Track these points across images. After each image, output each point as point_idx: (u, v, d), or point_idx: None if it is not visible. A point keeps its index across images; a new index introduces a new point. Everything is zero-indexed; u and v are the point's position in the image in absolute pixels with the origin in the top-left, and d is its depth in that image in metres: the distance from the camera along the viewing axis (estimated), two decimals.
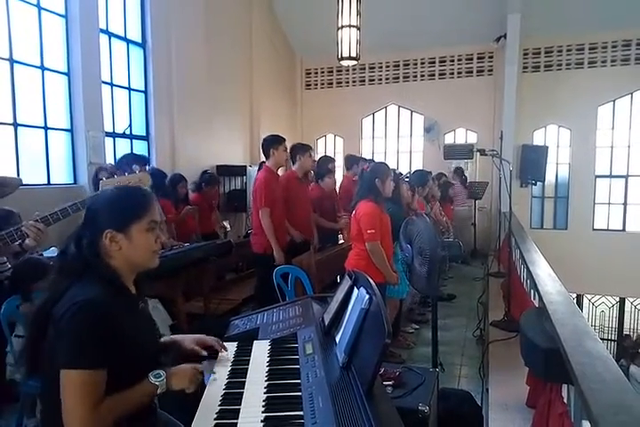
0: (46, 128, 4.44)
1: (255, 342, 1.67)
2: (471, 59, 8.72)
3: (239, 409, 1.23)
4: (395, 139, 9.42)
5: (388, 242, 3.30)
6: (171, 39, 5.83)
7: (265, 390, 1.32)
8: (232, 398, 1.29)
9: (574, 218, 8.46)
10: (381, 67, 9.22)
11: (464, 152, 7.34)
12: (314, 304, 1.92)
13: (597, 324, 8.85)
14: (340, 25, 6.11)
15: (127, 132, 5.43)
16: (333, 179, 4.75)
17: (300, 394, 1.27)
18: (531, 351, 2.04)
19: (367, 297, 1.35)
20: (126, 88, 5.44)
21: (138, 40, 5.56)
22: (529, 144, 8.43)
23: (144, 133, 5.71)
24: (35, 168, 4.37)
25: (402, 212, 3.76)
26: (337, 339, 1.45)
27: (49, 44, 4.42)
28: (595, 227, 8.43)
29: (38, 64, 4.33)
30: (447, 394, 2.38)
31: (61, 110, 4.58)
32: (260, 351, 1.58)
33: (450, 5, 7.78)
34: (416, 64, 9.01)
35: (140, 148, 5.60)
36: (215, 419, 1.20)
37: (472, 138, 8.86)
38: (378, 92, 9.20)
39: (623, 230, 8.39)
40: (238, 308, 4.29)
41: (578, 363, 1.43)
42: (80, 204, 1.84)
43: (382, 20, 7.75)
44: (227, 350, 1.58)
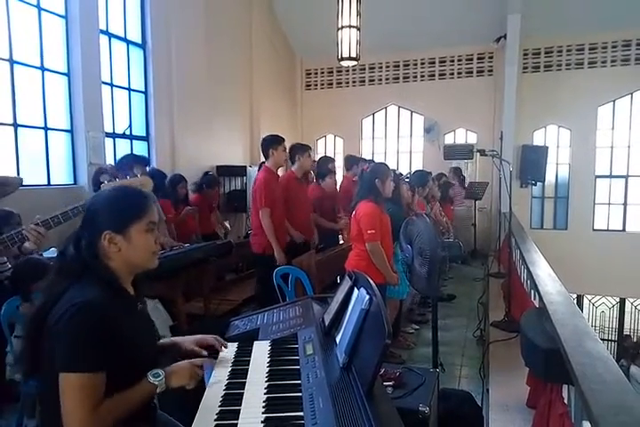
0: (46, 129, 4.44)
1: (255, 343, 1.67)
2: (471, 59, 8.72)
3: (239, 410, 1.23)
4: (395, 139, 9.42)
5: (388, 242, 3.30)
6: (171, 40, 5.83)
7: (265, 390, 1.32)
8: (232, 398, 1.29)
9: (574, 218, 8.46)
10: (381, 67, 9.22)
11: (464, 152, 7.37)
12: (314, 305, 1.92)
13: (598, 324, 8.84)
14: (340, 25, 6.12)
15: (127, 132, 5.43)
16: (334, 179, 4.75)
17: (301, 395, 1.27)
18: (531, 352, 2.04)
19: (367, 298, 1.35)
20: (126, 89, 5.45)
21: (138, 41, 5.56)
22: (529, 144, 8.43)
23: (144, 134, 5.71)
24: (35, 169, 4.37)
25: (402, 212, 3.76)
26: (337, 339, 1.45)
27: (49, 45, 4.42)
28: (595, 227, 8.43)
29: (38, 65, 4.33)
30: (447, 395, 2.38)
31: (61, 111, 4.59)
32: (261, 352, 1.58)
33: (450, 6, 7.79)
34: (416, 64, 9.02)
35: (140, 148, 5.61)
36: (215, 420, 1.19)
37: (472, 138, 8.86)
38: (378, 92, 9.19)
39: (623, 231, 8.39)
40: (238, 308, 4.29)
41: (578, 363, 1.43)
42: (81, 207, 1.84)
43: (382, 21, 7.75)
44: (227, 348, 1.58)
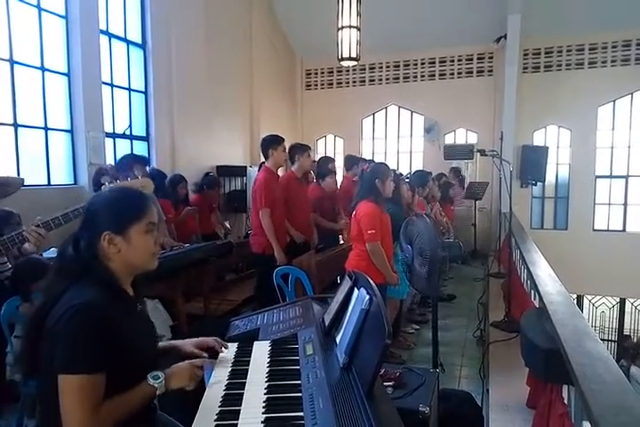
0: (46, 129, 4.44)
1: (255, 343, 1.66)
2: (471, 59, 8.72)
3: (239, 410, 1.23)
4: (395, 139, 9.42)
5: (389, 242, 3.30)
6: (171, 40, 5.83)
7: (265, 391, 1.32)
8: (232, 399, 1.29)
9: (574, 218, 8.46)
10: (381, 67, 9.22)
11: (464, 152, 7.36)
12: (314, 305, 1.92)
13: (598, 324, 8.84)
14: (341, 25, 6.12)
15: (127, 132, 5.43)
16: (334, 179, 4.75)
17: (301, 395, 1.27)
18: (531, 352, 2.04)
19: (367, 298, 1.35)
20: (126, 89, 5.45)
21: (138, 41, 5.56)
22: (529, 144, 8.43)
23: (144, 134, 5.71)
24: (35, 169, 4.37)
25: (402, 212, 3.76)
26: (337, 340, 1.45)
27: (49, 45, 4.42)
28: (595, 227, 8.42)
29: (38, 65, 4.33)
30: (447, 395, 2.38)
31: (61, 111, 4.59)
32: (261, 352, 1.58)
33: (450, 6, 7.79)
34: (416, 64, 9.01)
35: (140, 148, 5.60)
36: (215, 420, 1.19)
37: (472, 138, 8.86)
38: (378, 92, 9.19)
39: (623, 231, 8.38)
40: (238, 308, 4.29)
41: (578, 364, 1.43)
42: (82, 208, 1.84)
43: (382, 21, 7.75)
44: (227, 348, 1.58)
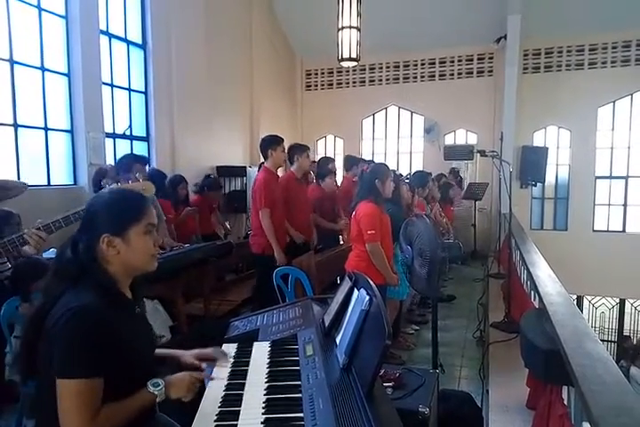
0: (46, 129, 4.44)
1: (255, 344, 1.66)
2: (471, 60, 8.73)
3: (239, 411, 1.23)
4: (395, 140, 9.42)
5: (388, 243, 3.30)
6: (171, 40, 5.83)
7: (265, 391, 1.32)
8: (232, 399, 1.29)
9: (574, 219, 8.46)
10: (381, 68, 9.22)
11: (464, 153, 7.36)
12: (314, 305, 1.92)
13: (597, 325, 8.84)
14: (341, 26, 6.12)
15: (127, 132, 5.43)
16: (334, 179, 4.75)
17: (301, 396, 1.27)
18: (531, 353, 2.04)
19: (367, 298, 1.35)
20: (126, 89, 5.44)
21: (138, 41, 5.56)
22: (529, 145, 8.44)
23: (144, 134, 5.70)
24: (35, 169, 4.36)
25: (402, 213, 3.76)
26: (337, 340, 1.45)
27: (49, 45, 4.41)
28: (595, 228, 8.43)
29: (38, 65, 4.33)
30: (447, 395, 2.37)
31: (61, 111, 4.58)
32: (260, 353, 1.58)
33: (450, 6, 7.79)
34: (416, 65, 9.02)
35: (140, 148, 5.60)
36: (215, 421, 1.20)
37: (472, 139, 8.86)
38: (378, 92, 9.20)
39: (623, 231, 8.39)
40: (238, 309, 4.28)
41: (578, 365, 1.43)
42: (83, 211, 1.83)
43: (382, 21, 7.75)
44: (229, 357, 1.55)
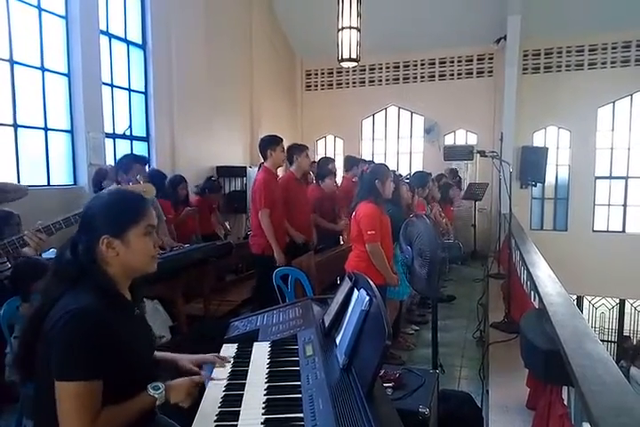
0: (46, 129, 4.44)
1: (255, 344, 1.66)
2: (471, 60, 8.73)
3: (239, 411, 1.23)
4: (395, 140, 9.42)
5: (388, 243, 3.30)
6: (171, 40, 5.84)
7: (265, 391, 1.32)
8: (232, 400, 1.29)
9: (574, 219, 8.46)
10: (381, 68, 9.22)
11: (464, 153, 7.37)
12: (314, 306, 1.92)
13: (597, 325, 8.84)
14: (341, 26, 6.13)
15: (127, 133, 5.43)
16: (333, 180, 4.75)
17: (301, 396, 1.27)
18: (531, 353, 2.03)
19: (367, 299, 1.35)
20: (126, 89, 5.45)
21: (138, 41, 5.57)
22: (529, 145, 8.44)
23: (144, 134, 5.71)
24: (35, 169, 4.37)
25: (402, 213, 3.76)
26: (337, 341, 1.45)
27: (49, 46, 4.42)
28: (595, 228, 8.43)
29: (38, 65, 4.33)
30: (447, 396, 2.37)
31: (61, 111, 4.58)
32: (260, 353, 1.58)
33: (450, 7, 7.79)
34: (416, 65, 9.02)
35: (140, 148, 5.60)
36: (215, 421, 1.20)
37: (472, 139, 8.87)
38: (378, 93, 9.20)
39: (623, 232, 8.39)
40: (238, 309, 4.28)
41: (578, 365, 1.43)
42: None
43: (382, 22, 7.75)
44: (229, 362, 1.54)
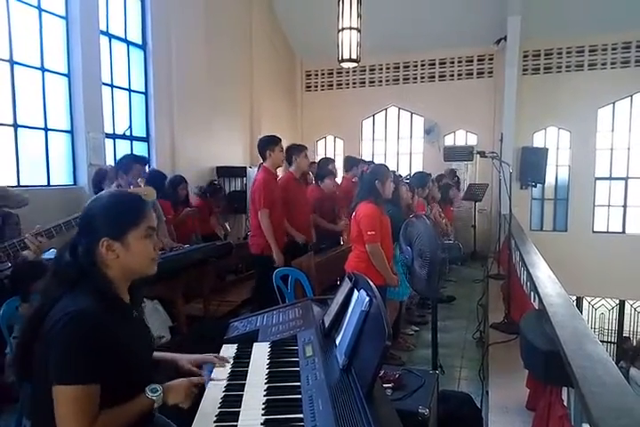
0: (46, 129, 4.44)
1: (255, 345, 1.66)
2: (471, 61, 8.73)
3: (239, 412, 1.23)
4: (395, 141, 9.42)
5: (388, 244, 3.30)
6: (171, 40, 5.84)
7: (265, 392, 1.31)
8: (232, 400, 1.29)
9: (574, 220, 8.46)
10: (381, 68, 9.22)
11: (464, 154, 7.38)
12: (314, 306, 1.92)
13: (597, 326, 8.84)
14: (341, 27, 6.13)
15: (127, 133, 5.43)
16: (333, 180, 4.75)
17: (300, 397, 1.26)
18: (530, 354, 2.04)
19: (367, 299, 1.34)
20: (126, 89, 5.44)
21: (138, 41, 5.57)
22: (529, 146, 8.44)
23: (144, 135, 5.71)
24: (35, 169, 4.36)
25: (401, 213, 3.76)
26: (337, 341, 1.45)
27: (49, 46, 4.42)
28: (594, 229, 8.43)
29: (38, 65, 4.33)
30: (447, 396, 2.37)
31: (61, 111, 4.58)
32: (260, 354, 1.58)
33: (450, 7, 7.80)
34: (416, 66, 9.02)
35: (140, 149, 5.60)
36: (215, 422, 1.19)
37: (472, 140, 8.87)
38: (378, 93, 9.20)
39: (623, 233, 8.39)
40: (238, 309, 4.29)
41: (578, 366, 1.43)
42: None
43: (382, 22, 7.75)
44: (229, 362, 1.53)
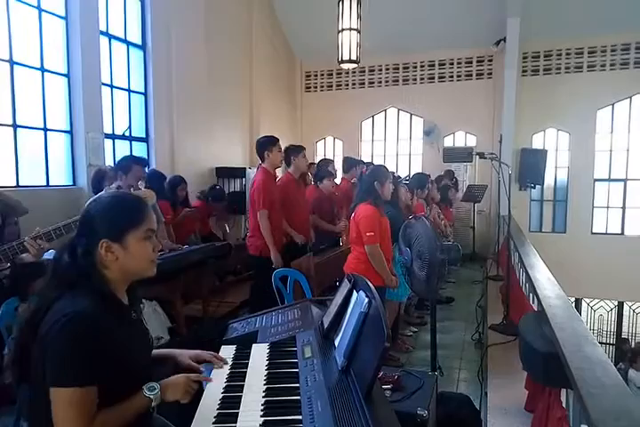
0: (46, 130, 4.43)
1: (254, 346, 1.66)
2: (471, 62, 8.74)
3: (238, 413, 1.23)
4: (394, 142, 9.43)
5: (388, 245, 3.30)
6: (171, 41, 5.84)
7: (264, 393, 1.31)
8: (230, 401, 1.29)
9: (573, 222, 8.47)
10: (381, 70, 9.23)
11: (463, 155, 7.39)
12: (313, 307, 1.91)
13: (596, 328, 8.84)
14: (341, 28, 6.14)
15: (127, 133, 5.43)
16: (332, 181, 4.76)
17: (299, 398, 1.26)
18: (529, 355, 2.03)
19: (366, 301, 1.34)
20: (126, 90, 5.44)
21: (138, 42, 5.57)
22: (528, 147, 8.44)
23: (143, 135, 5.70)
24: (34, 170, 4.36)
25: (400, 215, 3.76)
26: (336, 342, 1.44)
27: (49, 46, 4.41)
28: (593, 230, 8.43)
29: (38, 66, 4.32)
30: (446, 398, 2.38)
31: (61, 112, 4.58)
32: (259, 355, 1.58)
33: (450, 9, 7.81)
34: (416, 67, 9.03)
35: (140, 149, 5.60)
36: (213, 423, 1.19)
37: (471, 141, 8.87)
38: (377, 94, 9.21)
39: (622, 234, 8.39)
40: (236, 310, 4.28)
41: (577, 368, 1.43)
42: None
43: (382, 23, 7.77)
44: (226, 363, 1.53)
